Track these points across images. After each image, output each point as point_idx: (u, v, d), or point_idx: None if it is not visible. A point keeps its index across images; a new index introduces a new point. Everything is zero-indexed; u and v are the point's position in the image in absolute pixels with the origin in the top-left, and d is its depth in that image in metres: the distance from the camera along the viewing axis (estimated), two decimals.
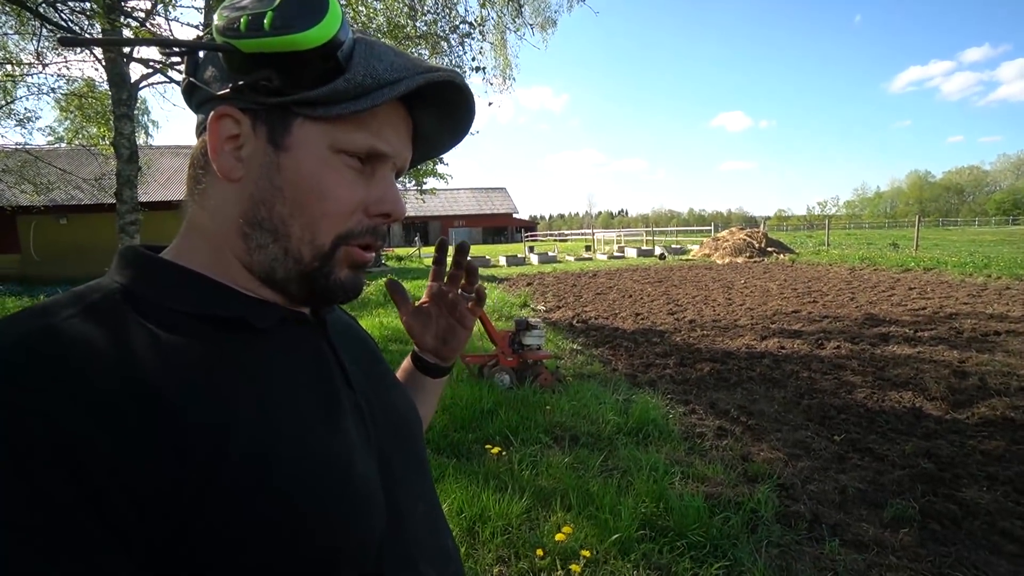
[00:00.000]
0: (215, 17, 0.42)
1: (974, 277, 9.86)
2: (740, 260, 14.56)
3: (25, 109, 9.36)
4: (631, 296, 9.42)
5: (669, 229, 25.35)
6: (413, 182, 9.18)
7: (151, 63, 3.94)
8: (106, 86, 4.65)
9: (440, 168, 9.02)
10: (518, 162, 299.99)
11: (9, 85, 9.30)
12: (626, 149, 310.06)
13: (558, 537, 1.99)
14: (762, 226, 20.71)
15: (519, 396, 3.64)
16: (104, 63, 4.16)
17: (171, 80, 4.47)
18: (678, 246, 19.68)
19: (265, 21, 0.39)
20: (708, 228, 21.29)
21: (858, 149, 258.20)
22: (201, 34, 0.44)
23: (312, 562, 0.37)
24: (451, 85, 0.45)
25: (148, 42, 0.47)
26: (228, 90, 0.42)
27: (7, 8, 7.42)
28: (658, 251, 17.73)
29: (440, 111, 0.49)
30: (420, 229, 47.60)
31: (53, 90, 8.35)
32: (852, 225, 59.09)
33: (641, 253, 18.24)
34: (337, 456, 0.41)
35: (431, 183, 9.90)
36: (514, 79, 7.58)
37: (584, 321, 7.41)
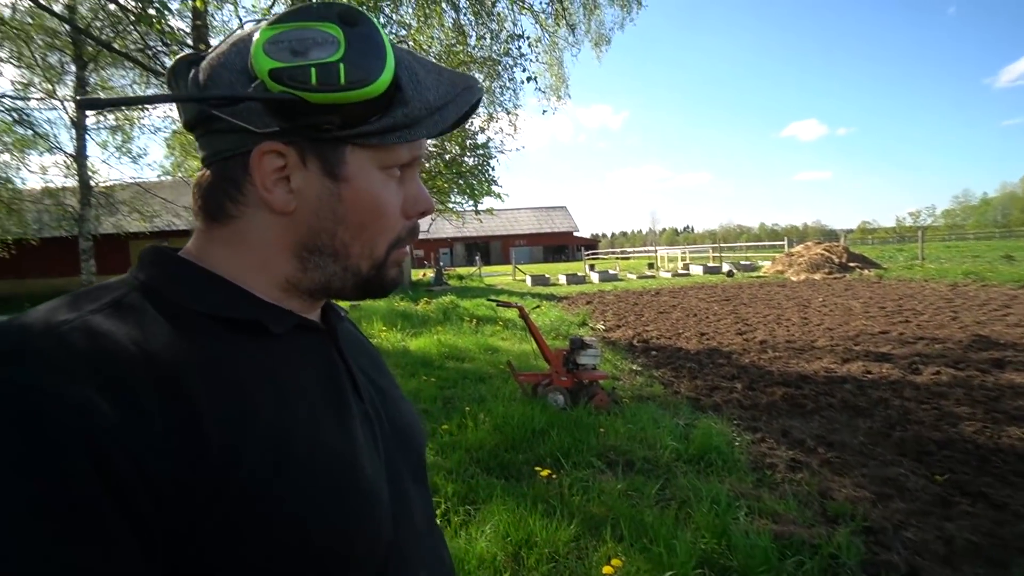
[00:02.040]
0: (257, 56, 0.39)
1: None
2: (817, 276, 13.46)
3: (138, 148, 10.71)
4: (696, 315, 8.97)
5: (738, 245, 23.94)
6: (471, 202, 9.38)
7: None
8: None
9: (496, 188, 9.17)
10: (579, 180, 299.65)
11: (127, 127, 10.70)
12: (690, 163, 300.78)
13: (606, 570, 1.86)
14: (842, 239, 19.11)
15: (572, 417, 3.52)
16: None
17: None
18: (748, 262, 18.56)
19: (340, 76, 0.39)
20: (781, 243, 19.93)
21: (957, 153, 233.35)
22: (251, 84, 0.41)
23: (321, 564, 0.37)
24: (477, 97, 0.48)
25: (186, 98, 0.43)
26: (277, 129, 0.41)
27: (127, 62, 8.55)
28: (726, 268, 16.83)
29: None
30: (482, 249, 48.54)
31: (159, 130, 9.48)
32: (953, 236, 52.88)
33: (708, 270, 17.40)
34: (347, 460, 0.42)
35: (488, 203, 10.07)
36: (569, 96, 7.59)
37: (645, 341, 7.13)
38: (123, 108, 9.64)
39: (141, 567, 0.31)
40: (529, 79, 5.71)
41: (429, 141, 0.50)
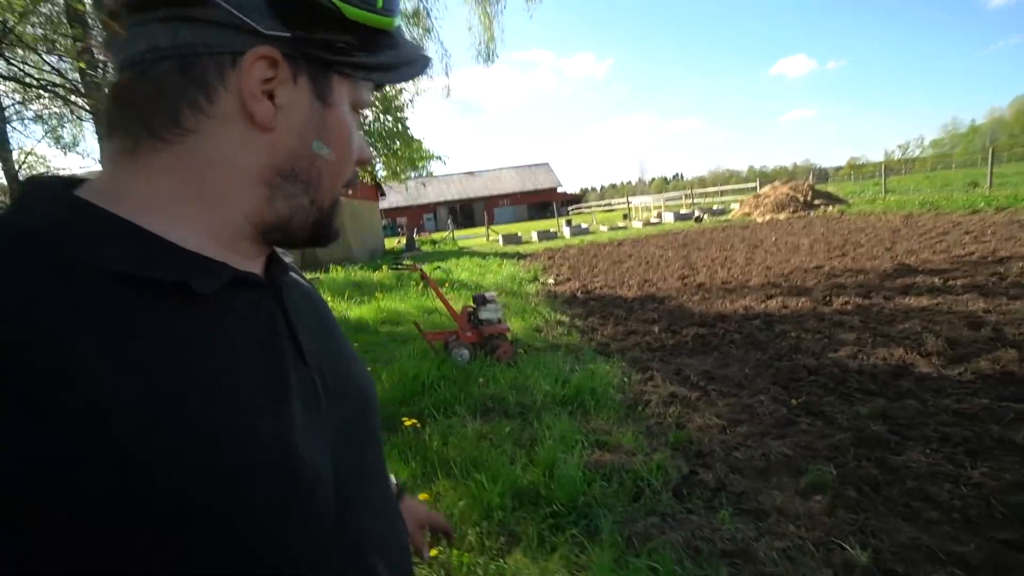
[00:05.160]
0: None
1: None
2: (782, 216, 13.50)
3: (70, 136, 10.36)
4: (648, 263, 9.06)
5: (713, 190, 23.68)
6: (412, 171, 9.18)
7: None
8: None
9: (432, 151, 9.01)
10: (567, 134, 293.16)
11: (56, 116, 10.31)
12: (680, 109, 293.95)
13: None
14: (813, 177, 18.94)
15: (466, 371, 3.65)
16: None
17: None
18: (721, 207, 18.54)
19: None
20: (754, 185, 19.84)
21: (948, 81, 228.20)
22: None
23: (247, 557, 0.33)
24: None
25: None
26: (289, 36, 0.38)
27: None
28: (697, 214, 16.82)
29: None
30: (466, 211, 47.98)
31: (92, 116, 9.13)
32: (941, 166, 52.47)
33: (679, 218, 17.39)
34: (278, 439, 0.36)
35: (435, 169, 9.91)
36: (497, 56, 7.35)
37: (588, 291, 7.24)
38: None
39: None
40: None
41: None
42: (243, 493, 0.33)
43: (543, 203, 49.83)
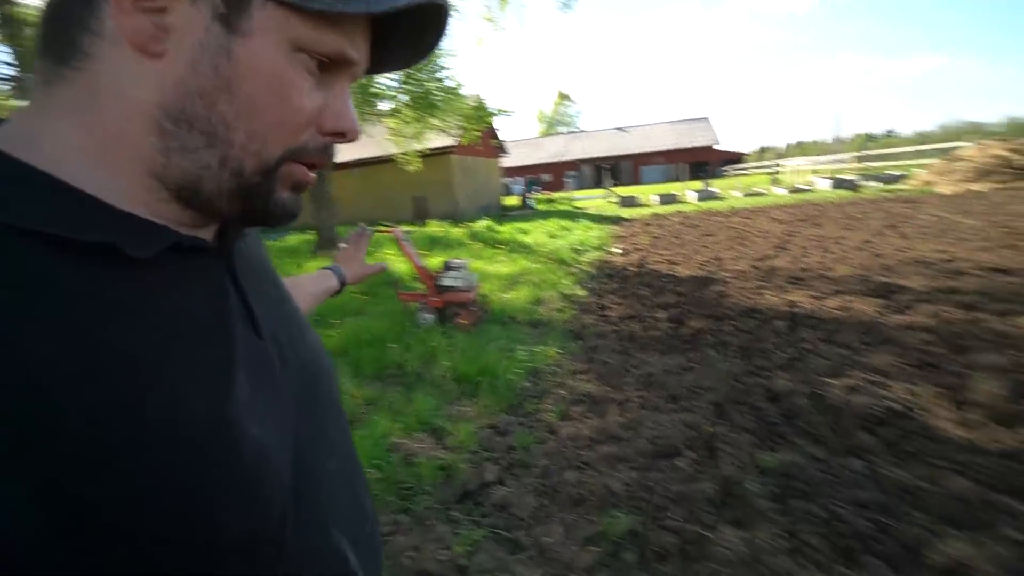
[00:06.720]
0: None
1: None
2: (980, 187, 10.12)
3: None
4: (741, 239, 7.78)
5: (902, 151, 18.23)
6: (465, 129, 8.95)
7: None
8: None
9: (493, 106, 8.71)
10: (748, 82, 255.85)
11: None
12: (908, 44, 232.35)
13: None
14: None
15: (394, 335, 3.72)
16: None
17: None
18: (900, 172, 14.60)
19: None
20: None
21: None
22: None
23: (187, 534, 0.30)
24: (437, 7, 0.39)
25: None
26: None
27: None
28: (857, 181, 13.57)
29: (408, 24, 0.40)
30: (613, 168, 46.02)
31: None
32: None
33: (839, 184, 14.27)
34: (221, 421, 0.33)
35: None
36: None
37: (641, 266, 6.57)
38: None
39: None
40: None
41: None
42: (173, 468, 0.30)
43: (699, 162, 45.18)
